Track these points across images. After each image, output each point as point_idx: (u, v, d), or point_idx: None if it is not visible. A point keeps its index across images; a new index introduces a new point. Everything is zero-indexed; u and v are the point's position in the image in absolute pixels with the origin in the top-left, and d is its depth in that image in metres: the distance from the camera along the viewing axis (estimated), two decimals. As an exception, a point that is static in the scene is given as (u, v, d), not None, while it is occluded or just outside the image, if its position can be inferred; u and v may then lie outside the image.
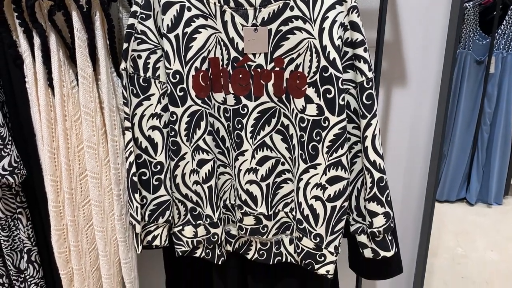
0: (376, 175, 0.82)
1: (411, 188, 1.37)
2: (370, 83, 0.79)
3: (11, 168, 0.77)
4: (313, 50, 0.78)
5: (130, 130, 0.84)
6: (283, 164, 0.89)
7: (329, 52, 0.77)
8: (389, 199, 0.85)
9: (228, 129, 0.88)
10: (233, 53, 0.82)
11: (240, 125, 0.85)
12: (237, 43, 0.81)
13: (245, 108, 0.85)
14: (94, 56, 0.75)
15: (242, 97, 0.84)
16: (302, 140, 0.84)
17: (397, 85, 1.21)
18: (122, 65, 0.82)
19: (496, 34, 2.65)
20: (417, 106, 1.25)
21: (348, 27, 0.78)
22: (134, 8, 0.81)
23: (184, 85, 0.83)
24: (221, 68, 0.84)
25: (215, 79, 0.85)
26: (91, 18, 0.72)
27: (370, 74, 0.79)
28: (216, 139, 0.89)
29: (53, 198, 0.78)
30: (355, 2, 0.77)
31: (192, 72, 0.82)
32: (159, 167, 0.88)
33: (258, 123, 0.85)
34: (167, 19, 0.80)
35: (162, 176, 0.88)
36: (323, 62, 0.78)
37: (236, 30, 0.81)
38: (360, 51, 0.78)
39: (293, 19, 0.78)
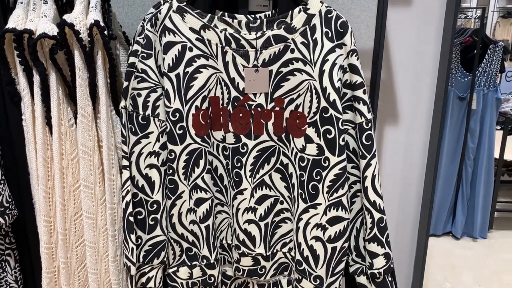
0: (376, 215, 0.82)
1: (404, 224, 1.37)
2: (370, 124, 0.80)
3: (2, 209, 0.75)
4: (313, 91, 0.80)
5: (128, 168, 0.83)
6: (281, 203, 0.89)
7: (329, 93, 0.78)
8: (388, 239, 0.84)
9: (226, 167, 0.87)
10: (234, 93, 0.83)
11: (239, 164, 0.85)
12: (238, 83, 0.82)
13: (245, 147, 0.85)
14: (95, 94, 0.74)
15: (242, 136, 0.84)
16: (302, 179, 0.84)
17: (389, 122, 1.23)
18: (122, 103, 0.82)
19: (477, 72, 2.75)
20: (409, 142, 1.27)
21: (347, 69, 0.80)
22: (135, 47, 0.82)
23: (184, 123, 0.83)
24: (221, 106, 0.84)
25: (215, 118, 0.85)
26: (93, 57, 0.72)
27: (369, 116, 0.80)
28: (214, 177, 0.89)
29: (46, 240, 0.76)
30: (354, 45, 0.79)
31: (192, 110, 0.82)
32: (155, 206, 0.86)
33: (257, 162, 0.85)
34: (168, 58, 0.81)
35: (158, 216, 0.87)
36: (323, 103, 0.79)
37: (237, 70, 0.81)
38: (359, 93, 0.80)
39: (293, 61, 0.80)
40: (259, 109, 0.84)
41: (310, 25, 0.79)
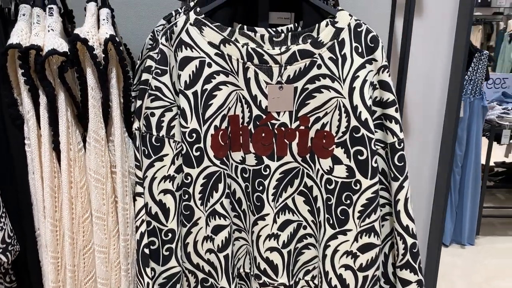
0: (409, 241, 0.78)
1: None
2: (402, 144, 0.76)
3: (4, 245, 0.67)
4: (342, 109, 0.75)
5: (142, 196, 0.76)
6: (305, 228, 0.83)
7: (360, 112, 0.74)
8: (421, 265, 0.80)
9: (245, 190, 0.82)
10: (256, 111, 0.77)
11: (261, 187, 0.79)
12: (260, 100, 0.77)
13: (267, 169, 0.79)
14: (107, 116, 0.67)
15: (264, 157, 0.79)
16: (329, 203, 0.79)
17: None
18: (135, 125, 0.75)
19: (464, 81, 2.77)
20: (420, 155, 1.24)
21: (377, 86, 0.76)
22: (149, 62, 0.75)
23: (201, 145, 0.77)
24: (241, 126, 0.79)
25: (234, 138, 0.79)
26: (107, 75, 0.66)
27: (401, 135, 0.76)
28: (232, 201, 0.83)
29: (53, 278, 0.68)
30: (385, 61, 0.75)
31: (211, 131, 0.76)
32: (170, 235, 0.80)
33: (280, 185, 0.80)
34: (185, 75, 0.75)
35: (173, 245, 0.80)
36: (354, 122, 0.74)
37: (260, 87, 0.76)
38: (391, 111, 0.76)
39: (320, 77, 0.75)
40: (282, 128, 0.78)
41: (339, 39, 0.74)
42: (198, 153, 0.78)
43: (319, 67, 0.75)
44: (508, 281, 2.52)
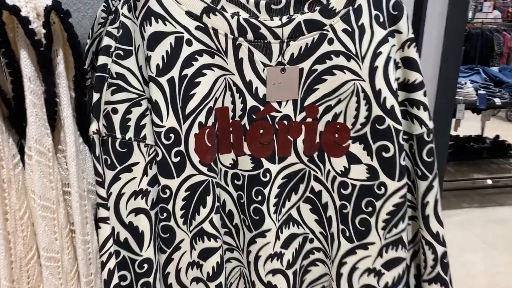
0: (440, 250, 0.67)
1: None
2: (431, 135, 0.64)
3: None
4: (361, 95, 0.62)
5: (108, 221, 0.59)
6: (311, 241, 0.70)
7: (384, 98, 0.61)
8: (451, 278, 0.70)
9: (239, 201, 0.67)
10: (251, 102, 0.62)
11: (260, 197, 0.65)
12: (256, 88, 0.61)
13: (267, 174, 0.64)
14: (54, 117, 0.49)
15: (263, 160, 0.64)
16: (345, 211, 0.66)
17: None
18: (93, 126, 0.57)
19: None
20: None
21: (400, 64, 0.63)
22: (106, 41, 0.57)
23: (182, 148, 0.61)
24: (231, 121, 0.63)
25: (222, 136, 0.64)
26: (52, 60, 0.47)
27: (431, 124, 0.64)
28: (222, 216, 0.67)
29: None
30: (412, 33, 0.62)
31: (195, 129, 0.60)
32: (145, 266, 0.63)
33: (283, 192, 0.66)
34: (156, 56, 0.58)
35: (151, 279, 0.64)
36: (377, 111, 0.61)
37: (256, 70, 0.61)
38: (419, 95, 0.63)
39: (332, 55, 0.61)
40: (285, 122, 0.64)
41: (355, 6, 0.60)
42: (178, 158, 0.61)
43: (330, 42, 0.61)
44: (469, 254, 2.58)
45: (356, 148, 0.64)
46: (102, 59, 0.57)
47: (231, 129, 0.64)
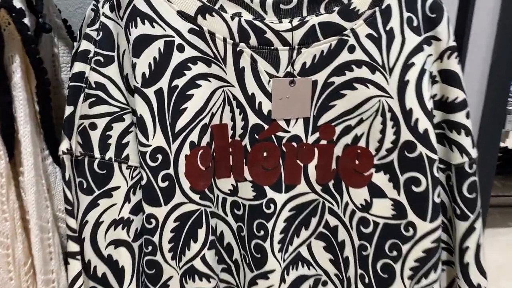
0: None
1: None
2: (474, 165, 0.53)
3: None
4: (388, 115, 0.51)
5: (78, 257, 0.51)
6: (324, 284, 0.59)
7: (417, 120, 0.50)
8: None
9: (239, 234, 0.57)
10: (253, 119, 0.52)
11: (262, 232, 0.55)
12: (259, 103, 0.52)
13: (271, 205, 0.54)
14: (10, 136, 0.41)
15: (266, 188, 0.54)
16: (364, 253, 0.55)
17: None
18: (64, 145, 0.49)
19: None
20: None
21: (437, 78, 0.52)
22: (84, 45, 0.49)
23: (171, 171, 0.52)
24: (230, 140, 0.54)
25: (220, 158, 0.54)
26: (5, 67, 0.39)
27: (474, 153, 0.52)
28: (219, 250, 0.58)
29: None
30: (453, 41, 0.50)
31: (186, 150, 0.51)
32: (127, 307, 0.54)
33: (290, 227, 0.56)
34: (142, 64, 0.49)
35: (133, 323, 0.55)
36: (406, 135, 0.50)
37: (259, 82, 0.51)
38: (460, 116, 0.52)
39: (353, 66, 0.50)
40: (294, 144, 0.54)
41: (382, 6, 0.50)
42: (167, 183, 0.52)
43: (351, 49, 0.50)
44: (512, 280, 2.36)
45: (380, 179, 0.53)
46: (78, 66, 0.49)
47: (230, 150, 0.55)
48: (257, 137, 0.53)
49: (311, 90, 0.52)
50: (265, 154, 0.54)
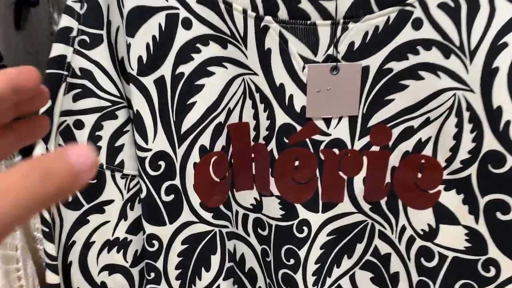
0: None
1: None
2: None
3: None
4: (465, 115, 0.37)
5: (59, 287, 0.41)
6: None
7: (508, 123, 0.36)
8: None
9: (263, 258, 0.46)
10: (282, 117, 0.40)
11: (292, 261, 0.44)
12: (290, 96, 0.39)
13: (305, 228, 0.43)
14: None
15: (298, 207, 0.42)
16: (425, 293, 0.42)
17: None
18: (39, 149, 0.39)
19: None
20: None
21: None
22: (65, 21, 0.39)
23: (177, 182, 0.41)
24: (252, 144, 0.42)
25: (239, 165, 0.43)
26: None
27: None
28: (239, 277, 0.47)
29: None
30: None
31: (195, 156, 0.40)
32: None
33: (329, 255, 0.44)
34: (138, 45, 0.38)
35: None
36: (492, 144, 0.37)
37: (291, 69, 0.39)
38: None
39: (419, 47, 0.37)
40: (335, 150, 0.41)
41: (462, -36, 0.36)
42: (171, 197, 0.42)
43: (417, 24, 0.37)
44: None
45: (450, 199, 0.40)
46: (57, 48, 0.39)
47: (252, 155, 0.43)
48: (286, 141, 0.41)
49: (360, 79, 0.39)
50: (296, 163, 0.42)
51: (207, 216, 0.42)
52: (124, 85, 0.41)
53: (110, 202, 0.42)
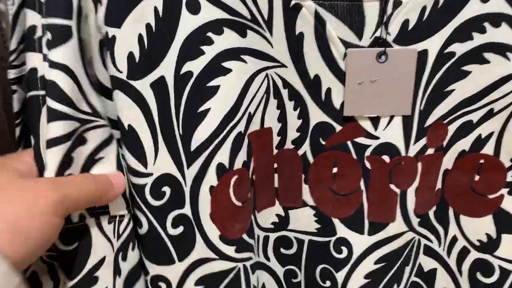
0: None
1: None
2: None
3: None
4: (541, 105, 0.31)
5: None
6: None
7: None
8: None
9: (287, 281, 0.39)
10: (317, 115, 0.32)
11: (329, 282, 0.38)
12: (328, 90, 0.31)
13: (344, 249, 0.36)
14: None
15: (336, 222, 0.35)
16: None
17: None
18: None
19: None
20: None
21: None
22: (29, 18, 0.27)
23: (187, 211, 0.32)
24: (275, 152, 0.34)
25: (260, 181, 0.35)
26: None
27: None
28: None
29: None
30: None
31: (211, 178, 0.31)
32: None
33: (377, 285, 0.37)
34: (127, 38, 0.28)
35: None
36: None
37: (329, 57, 0.31)
38: None
39: (486, 24, 0.30)
40: (385, 158, 0.33)
41: None
42: (180, 229, 0.32)
43: (485, -3, 0.30)
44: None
45: (516, 205, 0.34)
46: (28, 60, 0.27)
47: (275, 165, 0.34)
48: (323, 142, 0.33)
49: (415, 67, 0.31)
50: (335, 169, 0.34)
51: (229, 250, 0.33)
52: (97, 96, 0.30)
53: (101, 262, 0.31)
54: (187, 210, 0.32)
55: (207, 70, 0.29)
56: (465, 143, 0.34)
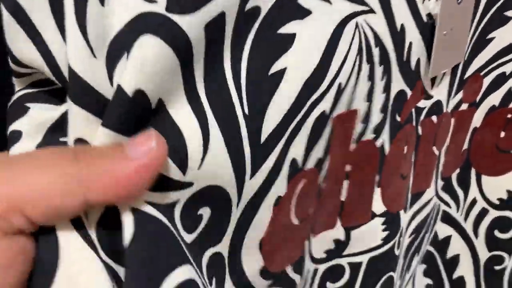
0: None
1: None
2: None
3: None
4: None
5: None
6: None
7: None
8: None
9: None
10: (397, 81, 0.24)
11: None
12: (410, 45, 0.24)
13: (400, 241, 0.29)
14: None
15: (402, 214, 0.28)
16: (498, 268, 0.36)
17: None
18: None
19: None
20: None
21: None
22: None
23: (223, 248, 0.20)
24: (353, 147, 0.24)
25: (328, 189, 0.24)
26: None
27: None
28: None
29: None
30: None
31: (280, 186, 0.20)
32: None
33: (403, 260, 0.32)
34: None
35: None
36: None
37: (411, 1, 0.22)
38: None
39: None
40: (433, 118, 0.28)
41: None
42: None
43: None
44: None
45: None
46: None
47: (347, 167, 0.24)
48: (398, 119, 0.25)
49: (472, 10, 0.26)
50: (405, 149, 0.26)
51: (261, 285, 0.22)
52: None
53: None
54: (223, 247, 0.20)
55: (277, 7, 0.18)
56: (496, 97, 0.31)
